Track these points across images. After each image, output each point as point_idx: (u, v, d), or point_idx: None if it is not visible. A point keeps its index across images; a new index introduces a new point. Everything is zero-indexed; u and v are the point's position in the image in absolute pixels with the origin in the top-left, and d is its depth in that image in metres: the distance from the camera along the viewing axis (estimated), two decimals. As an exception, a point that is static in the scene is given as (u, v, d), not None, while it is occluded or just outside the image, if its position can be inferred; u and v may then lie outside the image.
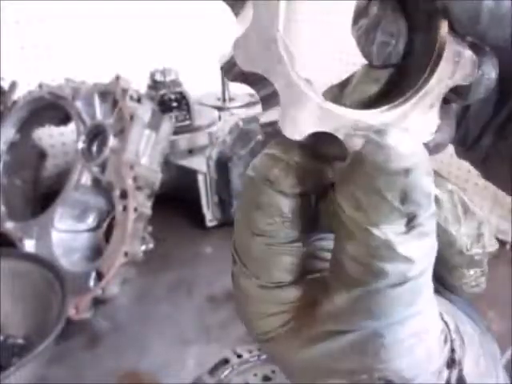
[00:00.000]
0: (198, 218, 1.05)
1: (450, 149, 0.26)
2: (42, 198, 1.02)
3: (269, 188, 0.20)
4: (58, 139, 1.21)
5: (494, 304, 0.68)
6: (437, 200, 0.22)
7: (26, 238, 0.85)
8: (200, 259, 0.98)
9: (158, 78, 0.98)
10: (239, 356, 0.65)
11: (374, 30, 0.21)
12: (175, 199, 1.08)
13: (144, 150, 0.83)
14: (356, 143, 0.19)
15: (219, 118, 1.07)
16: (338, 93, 0.23)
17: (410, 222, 0.18)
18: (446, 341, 0.20)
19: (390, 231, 0.17)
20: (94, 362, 0.72)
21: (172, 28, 1.37)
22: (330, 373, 0.20)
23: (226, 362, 0.65)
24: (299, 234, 0.21)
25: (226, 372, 0.63)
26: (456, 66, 0.20)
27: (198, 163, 1.00)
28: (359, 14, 0.22)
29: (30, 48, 1.15)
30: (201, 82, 1.44)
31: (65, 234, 0.86)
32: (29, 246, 0.85)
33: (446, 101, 0.21)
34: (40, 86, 0.93)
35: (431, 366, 0.19)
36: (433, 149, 0.21)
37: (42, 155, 1.05)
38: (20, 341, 0.70)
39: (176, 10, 1.36)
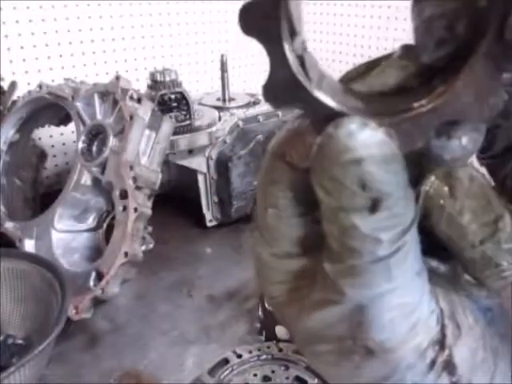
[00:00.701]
0: (197, 218, 1.05)
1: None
2: (42, 198, 1.02)
3: (284, 164, 0.21)
4: (58, 139, 1.22)
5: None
6: (452, 190, 0.21)
7: (26, 238, 0.85)
8: (200, 259, 0.98)
9: (158, 78, 0.98)
10: (239, 356, 0.65)
11: (440, 22, 0.19)
12: (175, 199, 1.09)
13: (144, 150, 0.83)
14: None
15: (219, 118, 1.07)
16: (363, 71, 0.22)
17: (376, 205, 0.18)
18: (437, 323, 0.21)
19: (356, 214, 0.18)
20: (94, 362, 0.73)
21: (172, 28, 1.37)
22: (321, 339, 0.22)
23: (225, 362, 0.65)
24: (310, 210, 0.22)
25: (226, 372, 0.63)
26: (468, 103, 0.18)
27: (198, 163, 1.00)
28: None
29: (30, 48, 1.15)
30: (201, 82, 1.45)
31: (65, 234, 0.86)
32: (28, 246, 0.85)
33: None
34: (40, 86, 0.93)
35: (413, 342, 0.20)
36: (450, 161, 0.20)
37: (42, 155, 1.05)
38: (20, 341, 0.70)
39: (176, 10, 1.36)
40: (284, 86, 0.20)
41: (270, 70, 0.20)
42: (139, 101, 0.83)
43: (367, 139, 0.18)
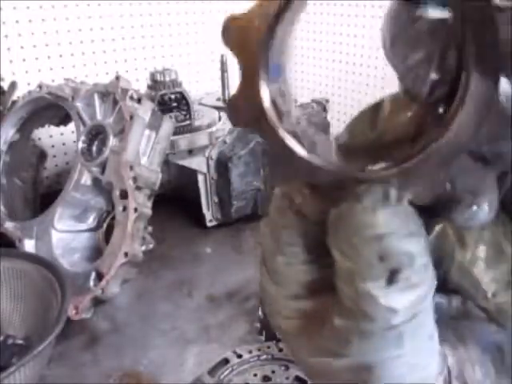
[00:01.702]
0: (197, 218, 1.05)
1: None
2: (42, 198, 1.02)
3: (294, 213, 0.21)
4: (58, 139, 1.22)
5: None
6: (462, 240, 0.21)
7: (26, 238, 0.85)
8: (200, 259, 0.98)
9: (158, 78, 0.98)
10: (239, 356, 0.65)
11: (428, 66, 0.18)
12: (175, 199, 1.09)
13: (144, 150, 0.83)
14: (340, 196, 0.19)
15: (219, 118, 1.07)
16: (371, 119, 0.21)
17: (394, 276, 0.18)
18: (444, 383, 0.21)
19: (372, 284, 0.18)
20: (94, 362, 0.73)
21: (172, 28, 1.37)
22: (328, 379, 0.22)
23: (225, 362, 0.65)
24: (319, 257, 0.22)
25: (226, 372, 0.63)
26: (481, 117, 0.17)
27: (198, 163, 1.00)
28: (399, 35, 0.19)
29: (30, 48, 1.15)
30: (201, 82, 1.45)
31: (65, 234, 0.86)
32: (29, 246, 0.85)
33: (485, 160, 0.19)
34: (40, 86, 0.93)
35: None
36: (472, 224, 0.20)
37: (42, 155, 1.05)
38: (20, 341, 0.70)
39: (176, 10, 1.36)
40: (285, 164, 0.20)
41: (269, 153, 0.20)
42: (139, 101, 0.83)
43: (390, 215, 0.18)
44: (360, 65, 1.38)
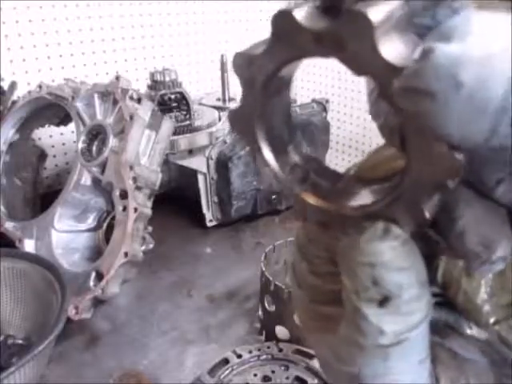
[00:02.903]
0: (198, 218, 1.06)
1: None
2: (42, 198, 1.02)
3: (321, 228, 0.24)
4: (58, 139, 1.22)
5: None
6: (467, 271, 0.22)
7: (26, 238, 0.85)
8: (200, 259, 0.98)
9: (158, 78, 0.98)
10: (239, 356, 0.65)
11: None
12: (175, 199, 1.09)
13: (144, 150, 0.83)
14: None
15: (219, 118, 1.07)
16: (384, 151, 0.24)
17: (385, 300, 0.20)
18: None
19: (366, 303, 0.20)
20: (94, 362, 0.73)
21: (172, 28, 1.37)
22: (332, 379, 0.24)
23: (225, 362, 0.65)
24: (336, 269, 0.24)
25: (226, 372, 0.63)
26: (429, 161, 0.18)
27: (198, 163, 1.00)
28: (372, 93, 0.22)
29: (30, 48, 1.15)
30: (201, 82, 1.45)
31: (65, 234, 0.86)
32: (28, 246, 0.85)
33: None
34: (40, 86, 0.93)
35: None
36: (490, 266, 0.20)
37: (42, 155, 1.05)
38: (20, 341, 0.70)
39: (176, 10, 1.36)
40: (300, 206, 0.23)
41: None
42: (139, 101, 0.83)
43: (385, 248, 0.20)
44: (360, 65, 1.38)
